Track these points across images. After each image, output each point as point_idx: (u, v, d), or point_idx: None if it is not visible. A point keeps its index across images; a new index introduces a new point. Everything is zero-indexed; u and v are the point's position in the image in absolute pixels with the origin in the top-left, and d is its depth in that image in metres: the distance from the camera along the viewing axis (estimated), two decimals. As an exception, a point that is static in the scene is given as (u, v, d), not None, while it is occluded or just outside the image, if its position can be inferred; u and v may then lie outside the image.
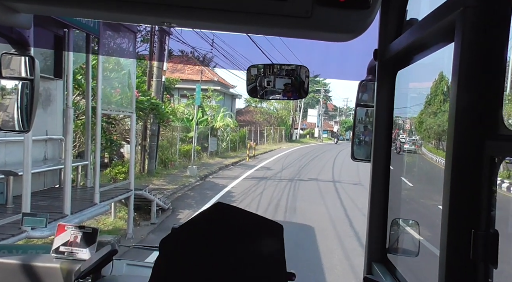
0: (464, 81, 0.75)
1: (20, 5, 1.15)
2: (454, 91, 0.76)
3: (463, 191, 0.75)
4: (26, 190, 4.30)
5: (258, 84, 1.35)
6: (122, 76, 8.17)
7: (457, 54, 0.76)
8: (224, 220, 0.79)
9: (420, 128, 15.73)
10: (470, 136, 0.74)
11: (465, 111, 0.75)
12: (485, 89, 0.74)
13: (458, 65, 0.76)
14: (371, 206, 1.35)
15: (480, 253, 0.73)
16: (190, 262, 0.76)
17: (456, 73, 0.76)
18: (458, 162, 0.76)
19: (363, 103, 1.48)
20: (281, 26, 1.14)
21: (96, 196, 5.78)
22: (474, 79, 0.75)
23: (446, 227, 0.76)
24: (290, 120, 41.90)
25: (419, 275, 1.81)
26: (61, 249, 1.80)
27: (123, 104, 7.77)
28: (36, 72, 1.39)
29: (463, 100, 0.75)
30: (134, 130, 7.77)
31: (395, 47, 1.20)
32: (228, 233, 0.78)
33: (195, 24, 1.36)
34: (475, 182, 0.74)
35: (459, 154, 0.76)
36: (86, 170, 7.03)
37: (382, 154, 1.33)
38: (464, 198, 0.75)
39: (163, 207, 8.96)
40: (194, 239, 0.78)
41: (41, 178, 6.39)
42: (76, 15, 1.50)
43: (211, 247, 0.77)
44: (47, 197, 5.86)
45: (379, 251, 1.34)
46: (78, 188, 6.90)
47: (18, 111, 1.40)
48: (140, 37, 16.42)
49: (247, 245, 0.78)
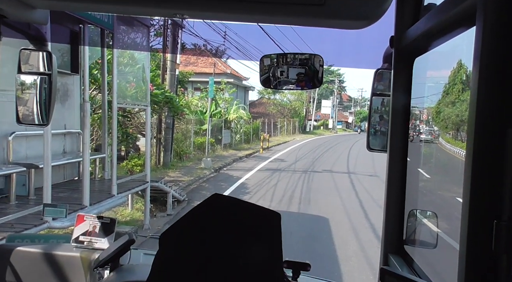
0: (485, 68, 0.72)
1: (36, 1, 1.16)
2: (475, 79, 0.73)
3: (484, 181, 0.74)
4: (46, 182, 4.44)
5: (272, 74, 1.33)
6: (136, 70, 8.26)
7: (479, 39, 0.73)
8: (221, 211, 0.80)
9: (438, 118, 15.57)
10: (491, 125, 0.72)
11: (487, 99, 0.73)
12: (507, 76, 0.71)
13: (480, 51, 0.72)
14: (387, 197, 1.33)
15: (503, 244, 0.71)
16: (188, 256, 0.77)
17: (477, 60, 0.73)
18: (479, 151, 0.74)
19: (379, 93, 1.45)
20: (294, 15, 1.12)
21: (114, 188, 5.91)
22: (497, 65, 0.72)
23: (466, 218, 0.74)
24: (303, 112, 41.61)
25: (437, 267, 1.80)
26: (81, 239, 1.85)
27: (138, 98, 7.87)
28: (54, 67, 1.42)
29: (484, 88, 0.73)
30: (149, 124, 7.88)
31: (412, 33, 1.16)
32: (225, 224, 0.79)
33: (207, 15, 1.34)
34: (497, 171, 0.72)
35: (480, 143, 0.74)
36: (104, 162, 7.19)
37: (398, 144, 1.30)
38: (486, 188, 0.73)
39: (178, 198, 9.11)
40: (191, 233, 0.79)
41: (61, 170, 6.57)
42: (90, 10, 1.51)
43: (208, 239, 0.78)
44: (67, 189, 6.03)
45: (396, 242, 1.32)
46: (96, 180, 7.07)
47: (37, 106, 1.43)
48: (154, 31, 16.56)
49: (244, 235, 0.78)
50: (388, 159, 1.32)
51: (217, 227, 0.79)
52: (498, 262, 0.72)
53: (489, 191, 0.73)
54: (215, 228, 0.79)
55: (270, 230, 0.79)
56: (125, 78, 8.14)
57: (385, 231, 1.34)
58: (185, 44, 19.52)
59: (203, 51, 26.09)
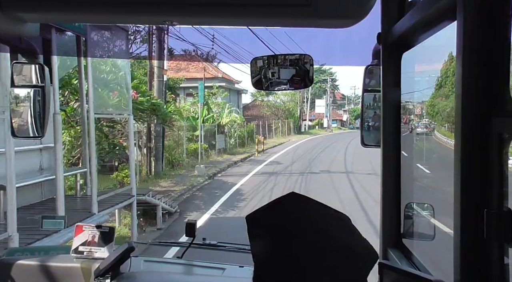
0: (467, 60, 0.75)
1: (25, 15, 1.18)
2: (459, 70, 0.76)
3: (472, 171, 0.75)
4: (11, 205, 3.98)
5: (263, 76, 1.35)
6: (120, 77, 7.84)
7: (460, 32, 0.75)
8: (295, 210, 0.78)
9: (432, 111, 15.31)
10: (476, 114, 0.74)
11: (470, 90, 0.75)
12: (490, 67, 0.73)
13: (462, 44, 0.75)
14: (383, 191, 1.35)
15: (494, 232, 0.72)
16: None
17: (460, 52, 0.75)
18: (466, 141, 0.76)
19: (370, 89, 1.47)
20: (281, 16, 1.15)
21: (94, 206, 5.47)
22: (478, 56, 0.74)
23: (458, 207, 0.76)
24: (298, 112, 41.47)
25: (436, 259, 1.76)
26: (80, 249, 1.86)
27: (122, 106, 7.45)
28: (47, 80, 1.44)
29: (467, 79, 0.75)
30: (132, 133, 7.45)
31: (398, 29, 1.19)
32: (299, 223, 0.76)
33: (195, 21, 1.36)
34: (484, 161, 0.73)
35: (466, 133, 0.75)
36: (85, 177, 6.73)
37: (392, 138, 1.32)
38: (474, 177, 0.75)
39: (169, 210, 8.66)
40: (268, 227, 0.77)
41: (38, 189, 6.11)
42: (79, 21, 1.49)
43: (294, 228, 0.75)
44: (43, 209, 5.56)
45: (394, 236, 1.33)
46: (78, 197, 6.61)
47: (31, 118, 1.44)
48: (140, 38, 16.19)
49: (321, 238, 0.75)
50: (382, 153, 1.34)
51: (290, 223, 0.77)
52: (490, 249, 0.74)
53: (477, 181, 0.75)
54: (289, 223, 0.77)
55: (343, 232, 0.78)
56: (108, 87, 7.72)
57: (383, 225, 1.35)
58: (173, 50, 19.21)
59: (193, 56, 26.20)
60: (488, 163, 0.72)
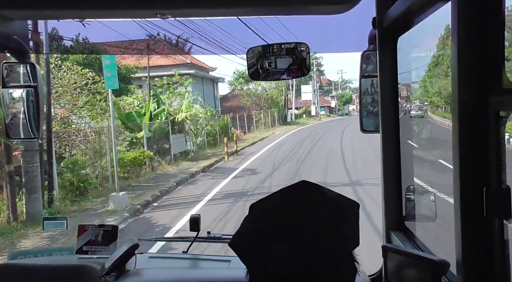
0: (463, 39, 0.76)
1: (11, 12, 1.20)
2: (455, 50, 0.77)
3: (470, 150, 0.76)
4: None
5: (260, 66, 1.38)
6: None
7: (455, 12, 0.77)
8: (304, 194, 0.80)
9: (428, 93, 15.37)
10: (473, 93, 0.75)
11: (466, 69, 0.76)
12: (485, 46, 0.74)
13: (457, 24, 0.76)
14: (384, 176, 1.38)
15: (493, 210, 0.74)
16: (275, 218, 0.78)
17: (455, 32, 0.77)
18: (464, 120, 0.77)
19: (367, 74, 1.49)
20: (276, 5, 1.20)
21: None
22: (473, 36, 0.75)
23: (458, 186, 0.78)
24: (282, 101, 36.59)
25: (439, 238, 1.76)
26: (84, 249, 1.89)
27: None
28: (39, 79, 1.45)
29: (464, 59, 0.76)
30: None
31: (393, 13, 1.21)
32: (307, 205, 0.79)
33: (187, 13, 1.45)
34: (482, 139, 0.75)
35: (464, 112, 0.77)
36: None
37: (390, 123, 1.36)
38: (473, 156, 0.76)
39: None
40: (275, 210, 0.79)
41: None
42: (68, 17, 1.54)
43: (295, 211, 0.77)
44: None
45: (396, 219, 1.37)
46: None
47: (25, 119, 1.45)
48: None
49: (325, 217, 0.77)
50: (381, 138, 1.38)
51: (302, 205, 0.78)
52: (490, 226, 0.76)
53: (476, 160, 0.76)
54: (297, 207, 0.78)
55: (347, 216, 0.80)
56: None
57: (385, 209, 1.39)
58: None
59: (157, 41, 21.82)
60: (486, 141, 0.74)
